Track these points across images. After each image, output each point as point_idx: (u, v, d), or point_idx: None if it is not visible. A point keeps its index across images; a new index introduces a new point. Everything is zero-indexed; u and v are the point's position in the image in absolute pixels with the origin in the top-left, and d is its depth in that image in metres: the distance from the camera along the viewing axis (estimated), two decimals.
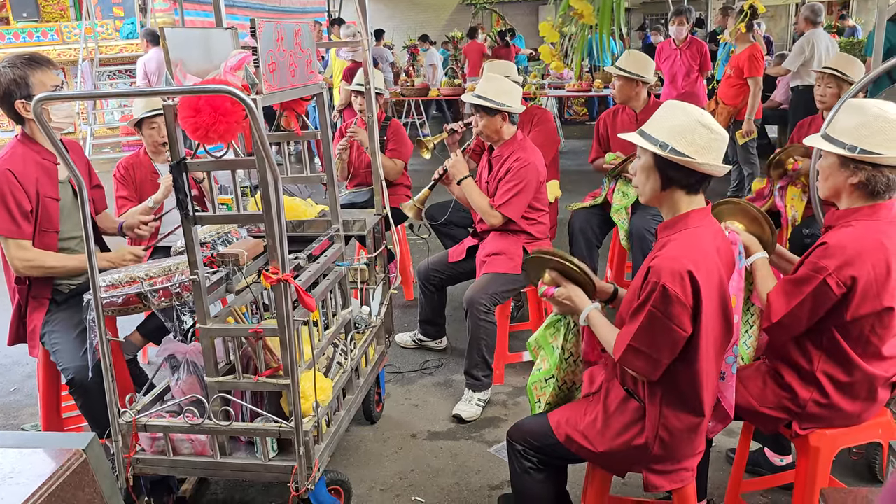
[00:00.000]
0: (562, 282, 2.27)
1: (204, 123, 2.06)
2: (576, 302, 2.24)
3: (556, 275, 2.29)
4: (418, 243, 5.60)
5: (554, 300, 2.28)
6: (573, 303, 2.24)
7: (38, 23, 10.89)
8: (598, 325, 2.20)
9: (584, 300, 2.23)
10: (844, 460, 2.88)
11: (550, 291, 2.27)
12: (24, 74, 2.70)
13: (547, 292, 2.28)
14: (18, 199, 2.71)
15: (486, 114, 3.52)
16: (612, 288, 2.39)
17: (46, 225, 2.81)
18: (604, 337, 2.17)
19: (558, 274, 2.29)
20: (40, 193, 2.77)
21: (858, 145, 2.08)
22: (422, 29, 15.93)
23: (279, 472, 2.38)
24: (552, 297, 2.28)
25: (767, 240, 2.39)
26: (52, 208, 2.81)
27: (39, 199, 2.77)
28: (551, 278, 2.30)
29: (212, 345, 2.35)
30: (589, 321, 2.21)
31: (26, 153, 2.79)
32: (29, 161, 2.77)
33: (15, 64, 2.71)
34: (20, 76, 2.70)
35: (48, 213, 2.80)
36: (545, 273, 2.32)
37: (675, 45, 7.13)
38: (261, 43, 2.17)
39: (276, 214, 2.14)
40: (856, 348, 2.16)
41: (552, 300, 2.29)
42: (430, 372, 3.95)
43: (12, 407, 3.77)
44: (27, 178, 2.74)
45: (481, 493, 2.90)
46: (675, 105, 2.09)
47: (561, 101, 11.73)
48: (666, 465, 2.12)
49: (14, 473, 1.27)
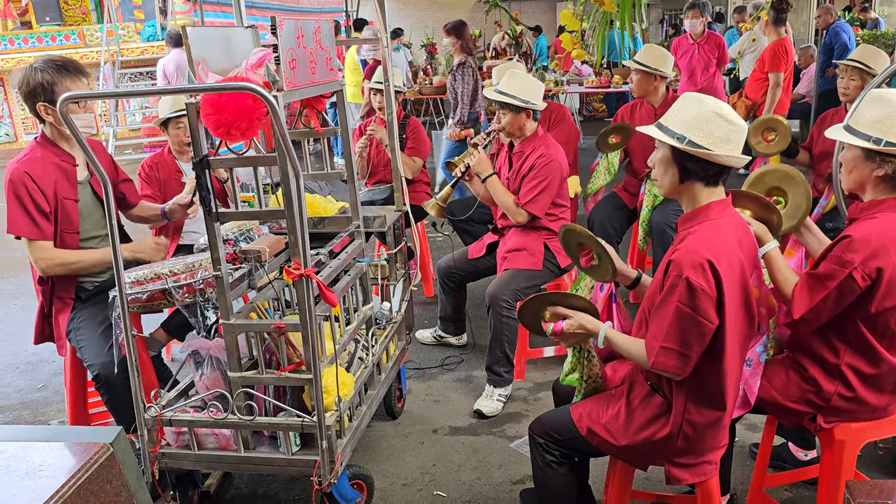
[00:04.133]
0: (566, 314, 2.20)
1: (226, 121, 2.08)
2: (588, 328, 2.17)
3: (558, 308, 2.22)
4: (438, 240, 5.61)
5: (566, 335, 2.20)
6: (586, 330, 2.17)
7: (60, 26, 11.02)
8: (618, 342, 2.15)
9: (595, 323, 2.17)
10: (870, 454, 2.86)
11: (559, 327, 2.19)
12: (53, 80, 2.73)
13: (556, 329, 2.20)
14: (37, 202, 2.74)
15: (510, 111, 3.52)
16: (636, 273, 2.37)
17: (67, 226, 2.84)
18: (628, 351, 2.12)
19: (556, 306, 2.23)
20: (59, 195, 2.81)
21: (884, 137, 2.04)
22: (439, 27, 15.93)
23: (302, 466, 2.39)
24: (563, 334, 2.20)
25: (776, 224, 2.34)
26: (71, 209, 2.85)
27: (58, 201, 2.80)
28: (552, 314, 2.22)
29: (235, 340, 2.38)
30: (609, 340, 2.15)
31: (45, 155, 2.83)
32: (47, 163, 2.81)
33: (46, 68, 2.74)
34: (48, 81, 2.73)
35: (67, 214, 2.84)
36: (545, 312, 2.24)
37: (692, 39, 7.07)
38: (281, 40, 2.19)
39: (297, 211, 2.15)
40: (882, 341, 2.13)
41: (564, 336, 2.21)
42: (451, 368, 3.96)
43: (40, 403, 3.82)
44: (45, 180, 2.77)
45: (503, 488, 2.91)
46: (692, 97, 2.07)
47: (580, 98, 11.68)
48: (689, 458, 2.11)
49: (43, 466, 1.28)
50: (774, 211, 2.33)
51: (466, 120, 6.07)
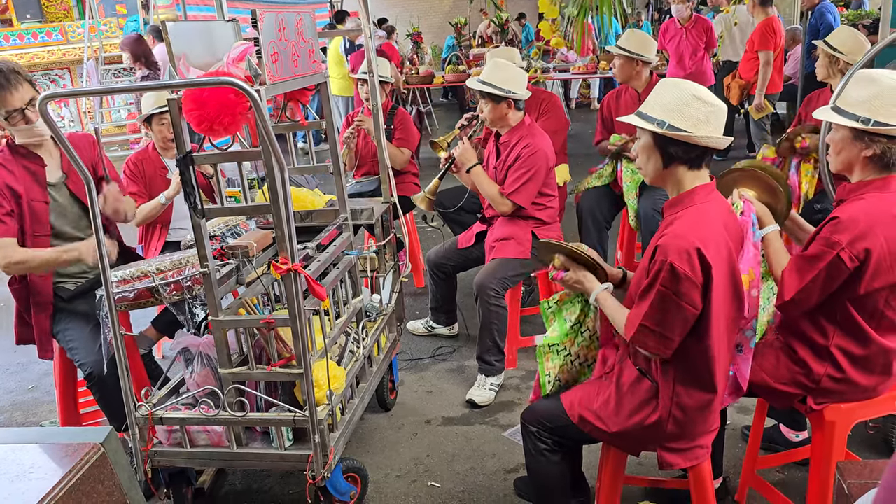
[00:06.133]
0: (571, 266, 2.31)
1: (208, 116, 2.06)
2: (585, 284, 2.27)
3: (566, 259, 2.33)
4: (427, 230, 5.60)
5: (564, 283, 2.32)
6: (583, 286, 2.28)
7: (42, 23, 10.89)
8: (607, 306, 2.22)
9: (593, 282, 2.27)
10: (861, 434, 2.88)
11: (560, 275, 2.32)
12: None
13: (556, 276, 2.32)
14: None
15: (491, 100, 3.50)
16: (622, 273, 2.40)
17: (37, 228, 2.81)
18: (613, 317, 2.19)
19: (567, 258, 2.33)
20: (26, 197, 2.78)
21: (873, 117, 2.04)
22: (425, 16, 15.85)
23: (295, 460, 2.39)
24: (562, 281, 2.32)
25: (781, 210, 2.35)
26: (40, 211, 2.82)
27: (25, 203, 2.78)
28: (561, 262, 2.34)
29: (224, 337, 2.37)
30: (598, 302, 2.24)
31: (9, 159, 2.81)
32: (13, 165, 2.79)
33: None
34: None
35: (37, 215, 2.81)
36: (555, 258, 2.36)
37: (680, 24, 7.06)
38: (262, 33, 2.16)
39: (283, 205, 2.14)
40: (870, 322, 2.14)
41: (562, 283, 2.33)
42: (443, 358, 3.96)
43: (31, 404, 3.81)
44: (8, 180, 2.75)
45: (497, 477, 2.92)
46: (670, 82, 2.09)
47: (566, 84, 11.66)
48: (680, 442, 2.12)
49: (34, 468, 1.28)
50: (780, 199, 2.33)
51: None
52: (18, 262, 2.78)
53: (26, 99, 2.73)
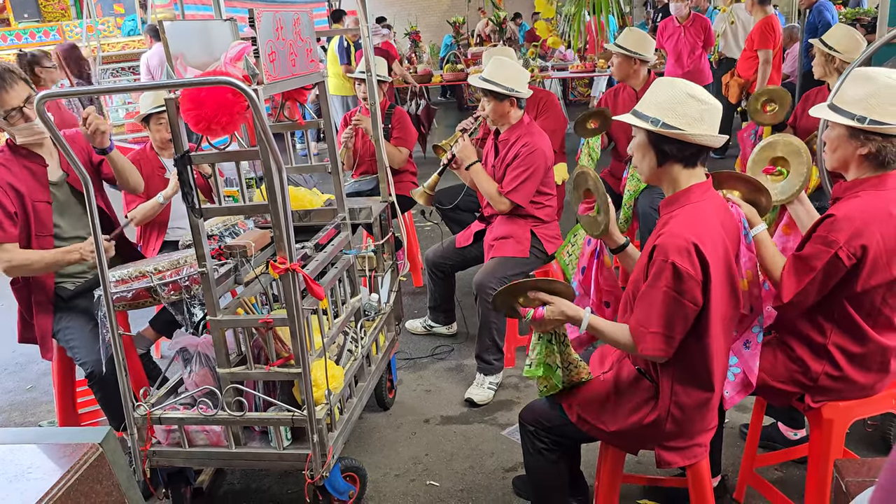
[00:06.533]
0: (546, 299, 2.09)
1: (206, 116, 2.06)
2: (569, 314, 2.07)
3: (539, 294, 2.10)
4: (426, 229, 5.60)
5: (546, 322, 2.09)
6: (567, 316, 2.08)
7: (39, 23, 10.88)
8: (602, 328, 2.09)
9: (576, 310, 2.08)
10: (859, 432, 2.88)
11: (540, 313, 2.08)
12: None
13: (536, 315, 2.08)
14: (2, 202, 2.72)
15: (494, 98, 3.50)
16: (625, 240, 2.33)
17: (40, 229, 2.82)
18: (613, 337, 2.08)
19: (538, 291, 2.11)
20: (29, 197, 2.78)
21: (868, 116, 2.04)
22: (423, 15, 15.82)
23: (294, 460, 2.39)
24: (543, 320, 2.09)
25: (765, 206, 2.34)
26: (43, 211, 2.82)
27: (29, 204, 2.78)
28: (533, 298, 2.11)
29: (222, 336, 2.37)
30: (592, 328, 2.09)
31: (11, 159, 2.81)
32: (14, 166, 2.79)
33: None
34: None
35: (40, 217, 2.81)
36: (521, 299, 2.13)
37: (678, 22, 7.06)
38: (260, 32, 2.16)
39: (281, 204, 2.14)
40: (867, 319, 2.15)
41: (544, 323, 2.10)
42: (442, 357, 3.96)
43: (29, 404, 3.80)
44: (11, 182, 2.75)
45: (495, 476, 2.92)
46: (664, 81, 2.09)
47: (565, 83, 11.65)
48: (679, 441, 2.12)
49: (32, 469, 1.28)
50: (763, 193, 2.33)
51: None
52: (21, 264, 2.78)
53: (23, 97, 2.74)
